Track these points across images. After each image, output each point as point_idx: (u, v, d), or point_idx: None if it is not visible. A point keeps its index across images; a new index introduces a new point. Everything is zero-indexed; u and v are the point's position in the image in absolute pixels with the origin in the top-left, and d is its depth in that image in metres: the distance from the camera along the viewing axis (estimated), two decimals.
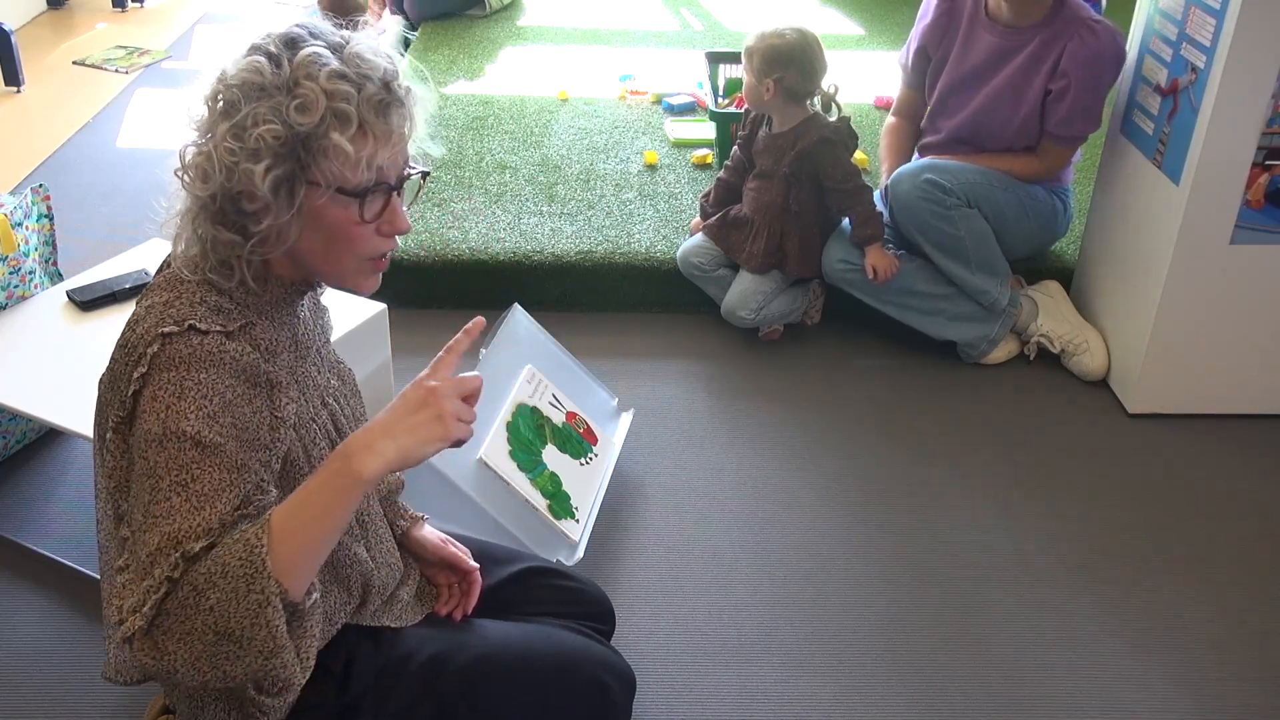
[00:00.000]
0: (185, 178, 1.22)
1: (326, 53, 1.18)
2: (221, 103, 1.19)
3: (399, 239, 1.30)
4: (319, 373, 1.37)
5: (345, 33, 1.24)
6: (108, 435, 1.22)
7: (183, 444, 1.12)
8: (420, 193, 1.32)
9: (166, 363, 1.16)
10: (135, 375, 1.17)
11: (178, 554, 1.08)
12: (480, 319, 1.31)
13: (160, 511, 1.11)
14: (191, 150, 1.22)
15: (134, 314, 1.24)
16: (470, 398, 1.21)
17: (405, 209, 1.28)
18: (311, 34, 1.21)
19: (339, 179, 1.19)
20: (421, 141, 1.29)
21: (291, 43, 1.20)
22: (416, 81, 1.26)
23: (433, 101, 1.29)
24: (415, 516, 1.63)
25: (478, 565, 1.59)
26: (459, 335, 1.26)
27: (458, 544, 1.61)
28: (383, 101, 1.20)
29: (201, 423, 1.14)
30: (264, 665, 1.10)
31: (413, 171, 1.28)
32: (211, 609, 1.07)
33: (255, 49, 1.19)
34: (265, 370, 1.23)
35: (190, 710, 1.35)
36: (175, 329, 1.17)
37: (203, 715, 1.34)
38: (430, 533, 1.61)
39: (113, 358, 1.24)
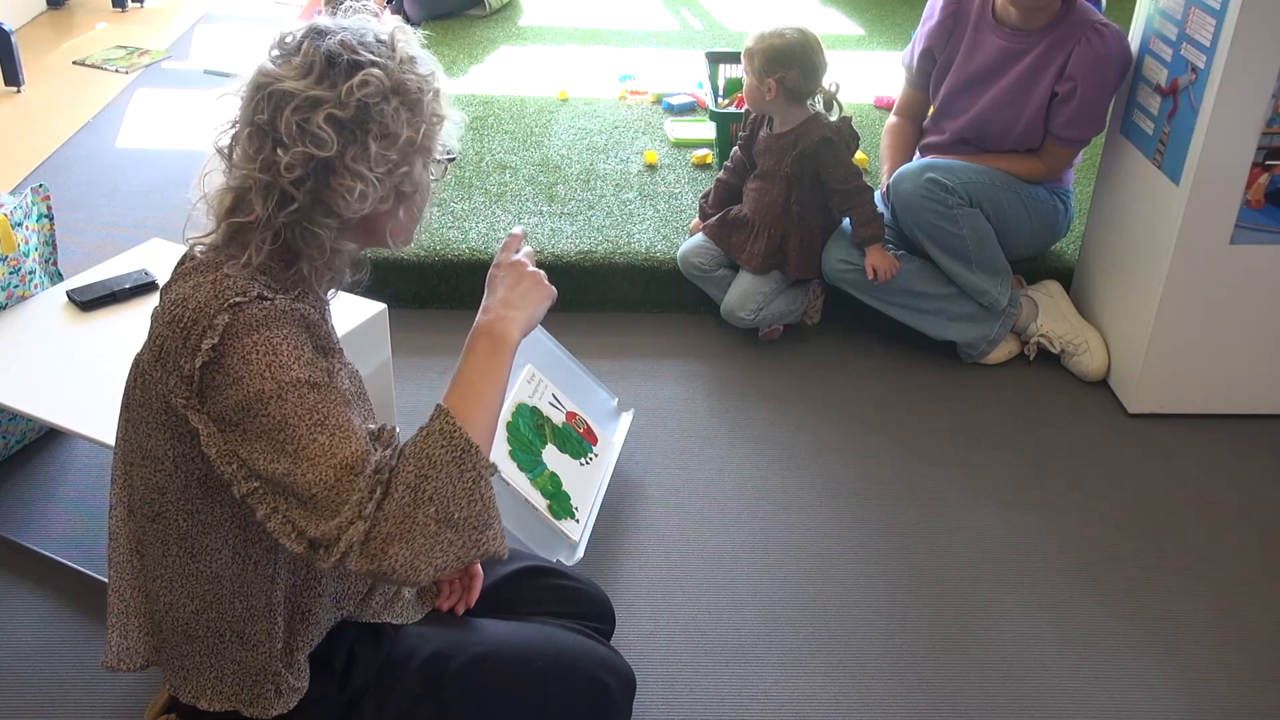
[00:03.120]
0: (343, 203, 1.24)
1: (382, 80, 1.24)
2: (348, 124, 1.22)
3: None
4: (341, 368, 1.38)
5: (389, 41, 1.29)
6: (189, 419, 1.22)
7: (301, 390, 1.18)
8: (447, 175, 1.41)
9: (245, 328, 1.19)
10: (204, 347, 1.19)
11: (360, 478, 1.15)
12: (520, 231, 1.49)
13: (315, 452, 1.16)
14: (241, 168, 1.25)
15: (173, 297, 1.25)
16: None
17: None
18: (363, 42, 1.25)
19: (446, 148, 1.33)
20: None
21: (319, 31, 1.24)
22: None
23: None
24: None
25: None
26: (511, 235, 1.47)
27: None
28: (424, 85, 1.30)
29: (306, 369, 1.20)
30: (478, 542, 1.19)
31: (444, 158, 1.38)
32: (431, 498, 1.16)
33: (287, 42, 1.24)
34: (326, 335, 1.29)
35: (205, 686, 1.36)
36: (241, 299, 1.21)
37: (219, 689, 1.35)
38: None
39: (158, 334, 1.24)
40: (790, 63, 2.61)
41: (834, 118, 2.69)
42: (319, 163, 1.22)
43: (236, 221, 1.25)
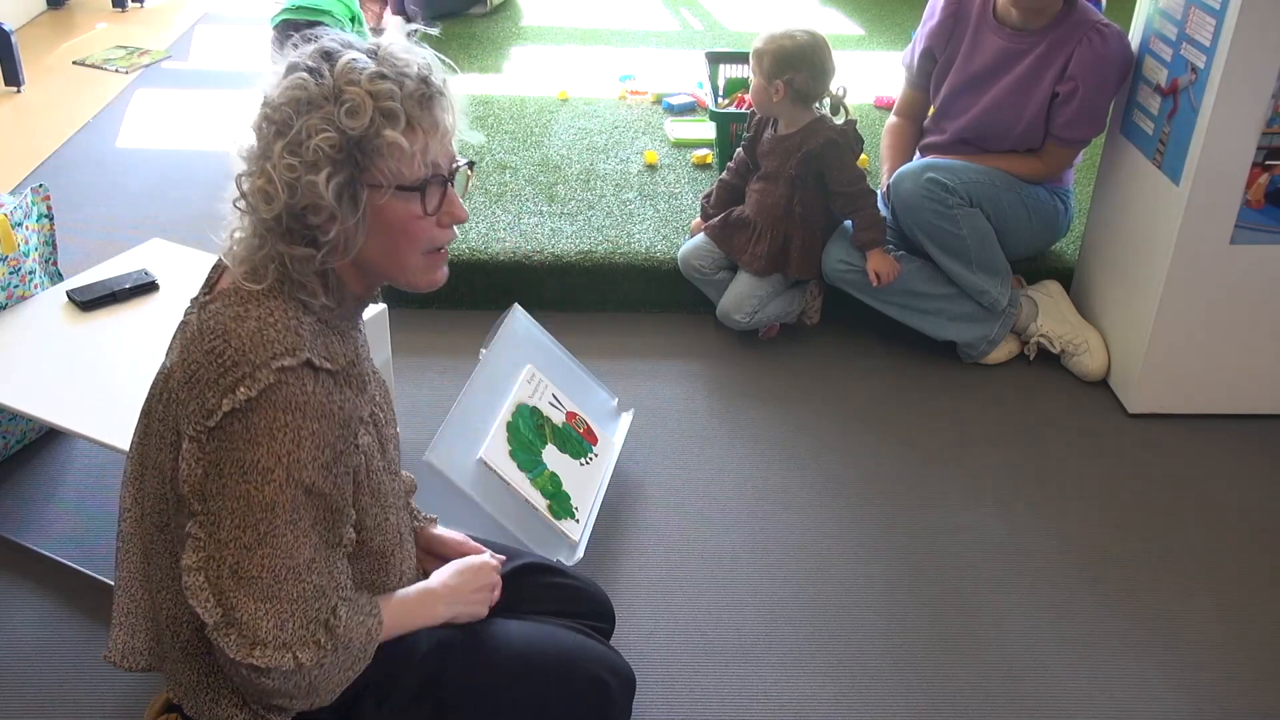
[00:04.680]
0: (246, 204, 1.25)
1: (363, 57, 1.22)
2: (271, 125, 1.21)
3: (457, 230, 1.36)
4: (368, 385, 1.39)
5: (374, 39, 1.27)
6: (184, 443, 1.23)
7: (297, 490, 1.22)
8: (470, 183, 1.36)
9: (284, 404, 1.20)
10: (239, 395, 1.19)
11: (303, 585, 1.24)
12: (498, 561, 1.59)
13: (281, 544, 1.22)
14: (247, 179, 1.25)
15: (214, 325, 1.24)
16: None
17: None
18: (343, 44, 1.25)
19: (397, 176, 1.24)
20: (461, 132, 1.33)
21: (327, 55, 1.23)
22: (448, 73, 1.30)
23: (463, 92, 1.33)
24: (429, 518, 1.65)
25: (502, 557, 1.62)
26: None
27: (475, 543, 1.64)
28: (424, 95, 1.24)
29: (317, 473, 1.23)
30: (314, 700, 1.31)
31: (459, 164, 1.31)
32: (328, 667, 1.27)
33: (293, 67, 1.23)
34: (356, 409, 1.30)
35: (202, 706, 1.36)
36: (291, 361, 1.21)
37: (214, 712, 1.36)
38: (446, 532, 1.64)
39: (193, 359, 1.24)
40: (799, 65, 2.61)
41: (839, 121, 2.69)
42: (250, 160, 1.24)
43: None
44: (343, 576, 1.31)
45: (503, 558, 1.62)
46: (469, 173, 1.34)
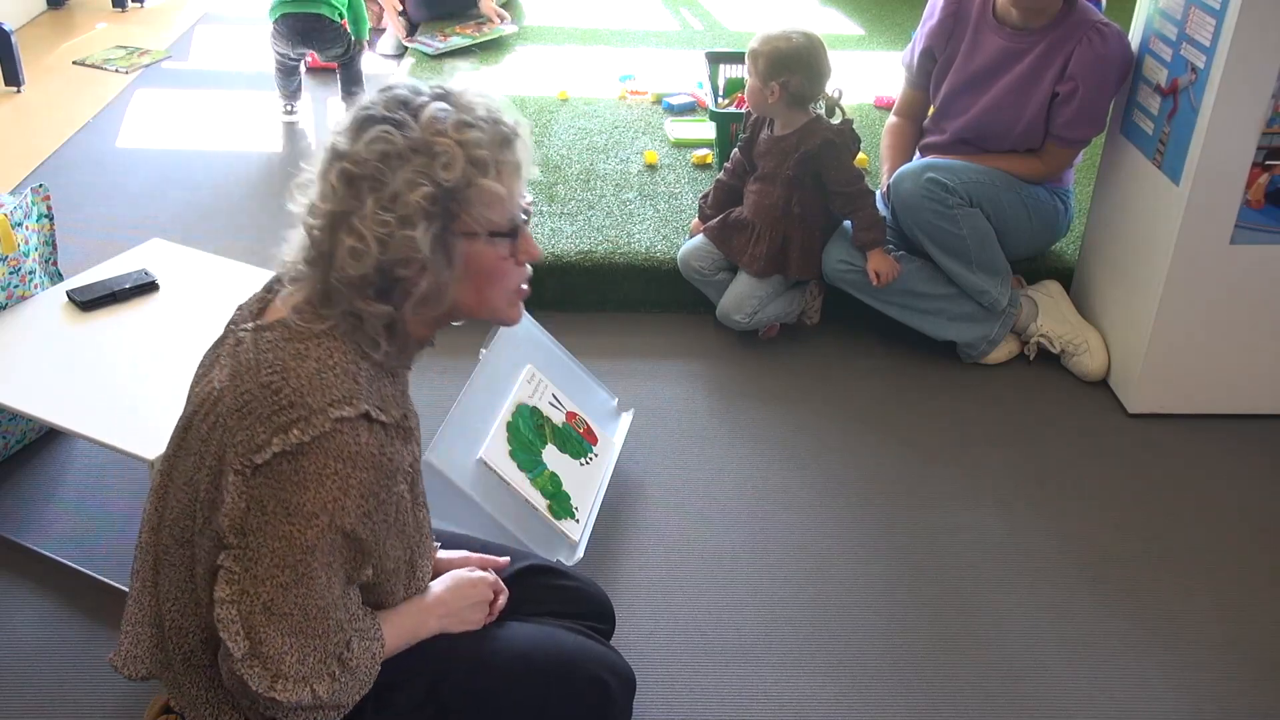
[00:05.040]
0: (323, 259, 1.24)
1: (443, 105, 1.23)
2: (360, 180, 1.20)
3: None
4: (414, 432, 1.40)
5: (440, 84, 1.28)
6: (229, 475, 1.22)
7: (337, 535, 1.23)
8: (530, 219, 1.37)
9: (336, 452, 1.20)
10: (293, 437, 1.19)
11: (328, 622, 1.25)
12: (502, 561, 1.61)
13: (314, 585, 1.23)
14: (318, 231, 1.23)
15: (274, 355, 1.24)
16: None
17: None
18: (414, 91, 1.25)
19: (489, 222, 1.25)
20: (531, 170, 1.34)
21: (404, 103, 1.23)
22: (514, 110, 1.31)
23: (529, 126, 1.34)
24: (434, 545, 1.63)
25: (506, 559, 1.62)
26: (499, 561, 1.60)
27: (475, 555, 1.62)
28: (505, 139, 1.26)
29: (359, 521, 1.24)
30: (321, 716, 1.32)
31: (529, 201, 1.32)
32: (342, 693, 1.29)
33: (369, 119, 1.22)
34: (404, 460, 1.31)
35: (202, 714, 1.37)
36: (350, 412, 1.21)
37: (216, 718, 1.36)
38: (446, 554, 1.61)
39: (246, 389, 1.23)
40: (795, 67, 2.60)
41: (835, 122, 2.69)
42: (329, 216, 1.22)
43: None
44: (355, 607, 1.33)
45: (505, 560, 1.61)
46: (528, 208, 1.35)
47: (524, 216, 1.30)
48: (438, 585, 1.49)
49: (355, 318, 1.25)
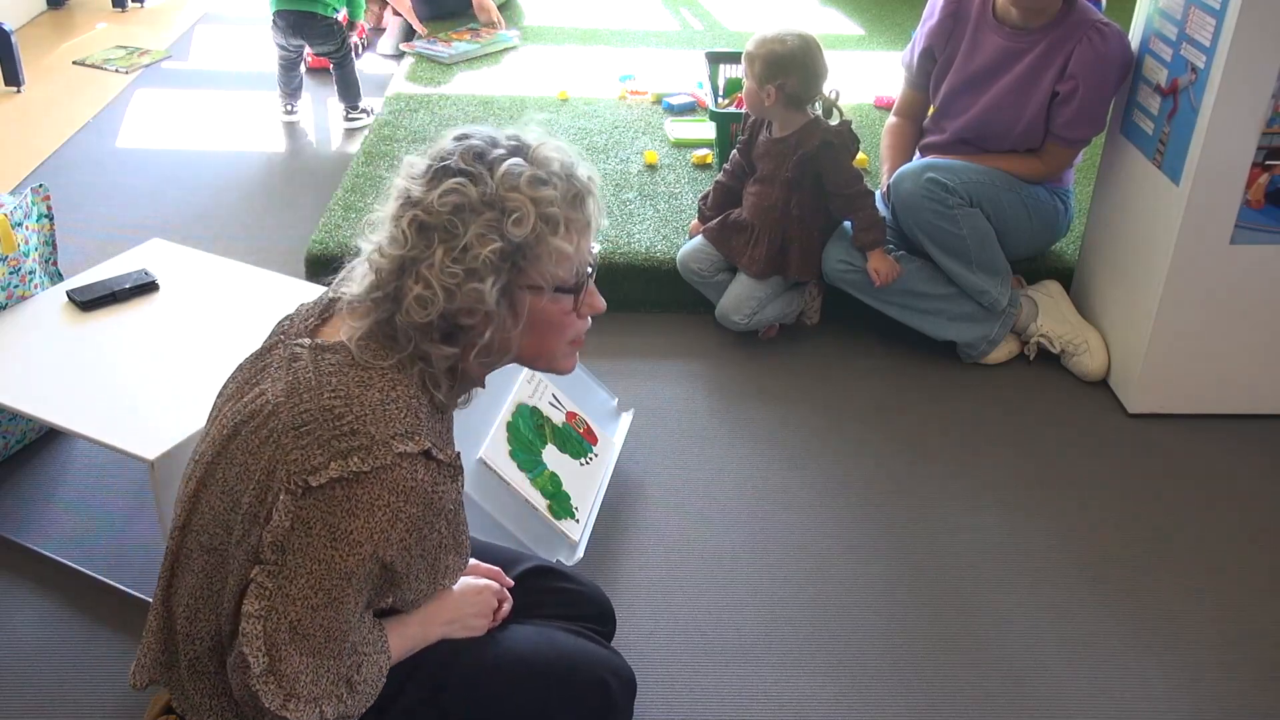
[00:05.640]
0: (390, 303, 1.24)
1: (519, 160, 1.24)
2: (431, 230, 1.21)
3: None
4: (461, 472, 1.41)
5: (514, 132, 1.28)
6: (280, 494, 1.22)
7: (375, 565, 1.24)
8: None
9: (392, 485, 1.21)
10: (351, 464, 1.19)
11: (344, 644, 1.26)
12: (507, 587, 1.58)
13: (344, 611, 1.24)
14: (386, 274, 1.24)
15: (337, 379, 1.24)
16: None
17: None
18: (490, 142, 1.26)
19: (556, 279, 1.26)
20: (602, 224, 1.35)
21: (480, 156, 1.24)
22: (587, 163, 1.32)
23: (599, 180, 1.34)
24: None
25: (511, 582, 1.61)
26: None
27: (484, 565, 1.62)
28: (578, 196, 1.27)
29: (397, 553, 1.25)
30: None
31: (596, 254, 1.34)
32: (352, 710, 1.30)
33: (445, 171, 1.23)
34: (454, 499, 1.32)
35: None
36: (412, 448, 1.22)
37: None
38: None
39: (306, 409, 1.23)
40: (790, 69, 2.60)
41: (833, 123, 2.69)
42: (398, 260, 1.23)
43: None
44: (368, 627, 1.33)
45: (510, 582, 1.60)
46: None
47: (590, 269, 1.32)
48: (459, 588, 1.48)
49: (421, 359, 1.26)
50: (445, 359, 1.26)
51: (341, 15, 3.98)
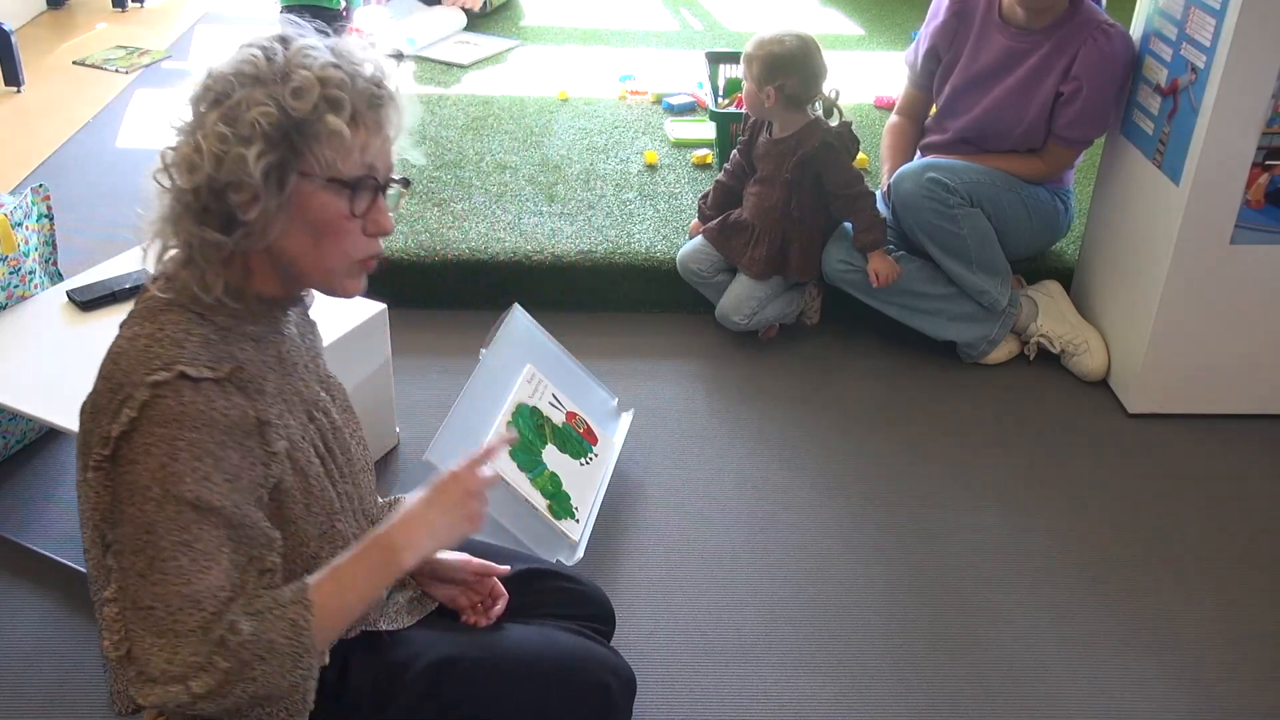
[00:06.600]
0: (168, 176, 1.22)
1: (321, 47, 1.20)
2: (209, 94, 1.19)
3: (383, 243, 1.30)
4: (306, 387, 1.35)
5: (340, 38, 1.25)
6: (88, 474, 1.19)
7: (180, 506, 1.15)
8: (401, 203, 1.32)
9: (158, 418, 1.15)
10: (122, 418, 1.15)
11: (203, 614, 1.13)
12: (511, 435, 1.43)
13: (169, 570, 1.14)
14: (173, 151, 1.21)
15: (116, 343, 1.22)
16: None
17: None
18: (302, 32, 1.23)
19: (330, 168, 1.20)
20: (404, 149, 1.29)
21: (283, 38, 1.21)
22: (409, 83, 1.28)
23: (416, 113, 1.29)
24: (391, 500, 1.59)
25: (506, 567, 1.58)
26: (495, 442, 1.40)
27: (476, 560, 1.58)
28: (374, 95, 1.21)
29: (198, 485, 1.15)
30: (277, 706, 1.25)
31: (396, 179, 1.28)
32: (255, 679, 1.15)
33: (247, 45, 1.20)
34: (255, 414, 1.22)
35: None
36: (165, 375, 1.16)
37: None
38: (446, 555, 1.56)
39: (96, 388, 1.22)
40: (789, 70, 2.60)
41: (834, 123, 2.69)
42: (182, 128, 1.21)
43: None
44: (252, 589, 1.21)
45: (487, 564, 1.55)
46: (404, 190, 1.30)
47: (382, 185, 1.25)
48: (404, 506, 1.32)
49: (189, 249, 1.21)
50: (212, 246, 1.20)
51: (340, 9, 3.99)
